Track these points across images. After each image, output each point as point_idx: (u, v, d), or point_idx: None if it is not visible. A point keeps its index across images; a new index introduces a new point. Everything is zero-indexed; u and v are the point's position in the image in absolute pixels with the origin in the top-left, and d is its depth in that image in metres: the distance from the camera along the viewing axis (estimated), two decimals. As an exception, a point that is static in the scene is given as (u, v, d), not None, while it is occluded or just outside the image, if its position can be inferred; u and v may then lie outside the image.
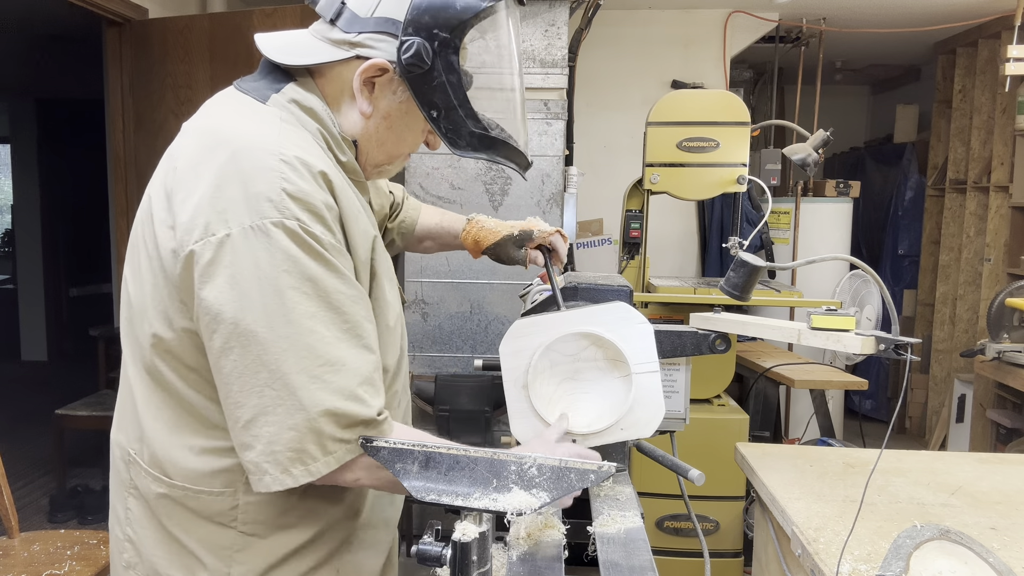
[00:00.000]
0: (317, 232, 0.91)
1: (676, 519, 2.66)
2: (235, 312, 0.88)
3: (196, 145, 0.96)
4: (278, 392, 0.89)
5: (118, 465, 1.08)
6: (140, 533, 1.04)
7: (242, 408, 0.90)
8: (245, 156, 0.91)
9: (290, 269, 0.89)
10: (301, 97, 1.01)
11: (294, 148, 0.94)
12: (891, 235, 5.35)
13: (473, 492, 0.90)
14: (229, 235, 0.88)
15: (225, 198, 0.89)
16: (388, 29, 0.98)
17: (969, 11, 4.06)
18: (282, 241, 0.89)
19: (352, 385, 0.92)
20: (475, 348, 3.02)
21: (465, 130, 1.03)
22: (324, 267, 0.91)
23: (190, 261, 0.90)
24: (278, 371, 0.89)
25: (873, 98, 6.58)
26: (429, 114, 1.01)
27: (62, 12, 3.51)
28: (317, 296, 0.90)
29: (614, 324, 1.23)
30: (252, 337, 0.88)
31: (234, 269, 0.88)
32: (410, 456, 0.93)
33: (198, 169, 0.93)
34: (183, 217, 0.91)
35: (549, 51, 2.97)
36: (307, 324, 0.89)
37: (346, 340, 0.92)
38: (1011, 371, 3.34)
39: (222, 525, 1.00)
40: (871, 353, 1.22)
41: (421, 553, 0.90)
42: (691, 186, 2.74)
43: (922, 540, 1.12)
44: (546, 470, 0.90)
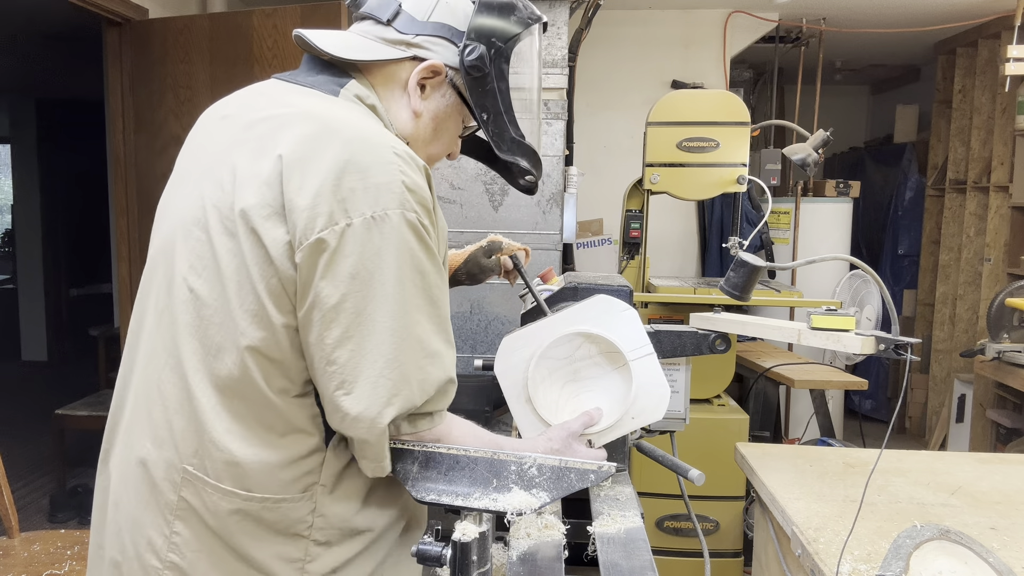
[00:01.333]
0: (427, 224, 0.94)
1: (676, 519, 2.66)
2: (358, 302, 0.90)
3: (299, 134, 0.94)
4: (395, 381, 0.91)
5: (159, 487, 0.98)
6: (191, 557, 0.97)
7: (353, 395, 0.91)
8: (359, 147, 0.92)
9: (409, 261, 0.91)
10: (363, 94, 1.03)
11: (397, 142, 0.96)
12: (891, 235, 5.35)
13: (473, 492, 0.90)
14: (351, 224, 0.89)
15: (345, 187, 0.90)
16: (445, 34, 1.04)
17: (969, 11, 4.06)
18: (404, 232, 0.91)
19: (442, 376, 0.96)
20: (475, 348, 3.02)
21: (508, 135, 1.09)
22: (430, 260, 0.94)
23: (317, 249, 0.89)
24: (396, 360, 0.91)
25: (873, 98, 6.58)
26: (480, 117, 1.07)
27: (62, 12, 3.51)
28: (424, 288, 0.93)
29: (599, 317, 1.24)
30: (373, 326, 0.90)
31: (357, 258, 0.89)
32: (409, 456, 0.93)
33: (310, 157, 0.91)
34: (302, 203, 0.90)
35: (549, 51, 2.97)
36: (416, 316, 0.93)
37: (440, 334, 0.96)
38: (1011, 371, 3.34)
39: (296, 536, 0.97)
40: (871, 353, 1.22)
41: (421, 553, 0.90)
42: (691, 186, 2.74)
43: (922, 540, 1.12)
44: (546, 470, 0.90)
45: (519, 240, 2.99)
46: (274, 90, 1.04)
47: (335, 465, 0.98)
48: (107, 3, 3.01)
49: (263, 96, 1.03)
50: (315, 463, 0.97)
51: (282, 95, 1.02)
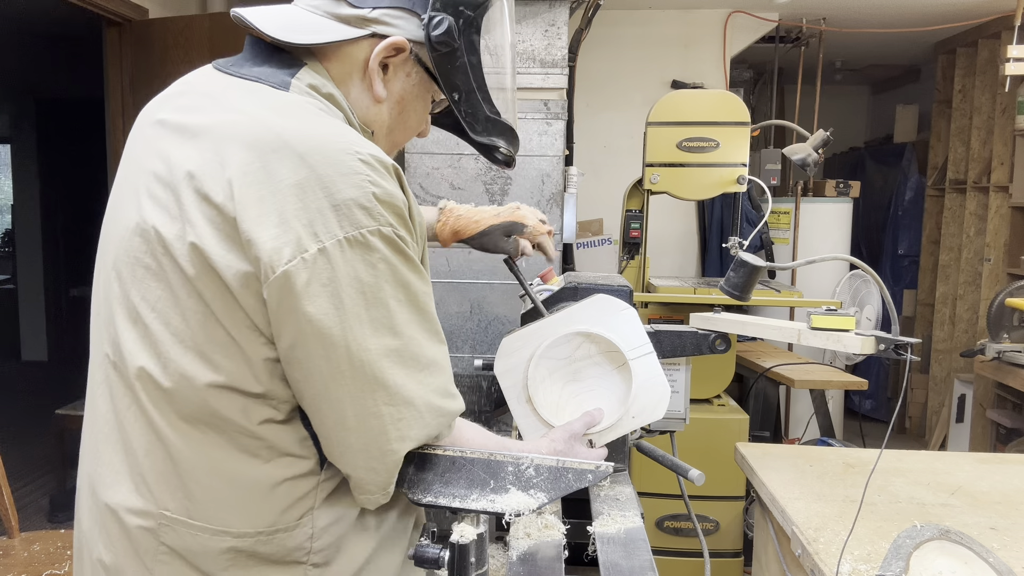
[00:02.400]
0: (404, 235, 0.86)
1: (676, 519, 2.66)
2: (344, 333, 0.82)
3: (247, 151, 0.82)
4: (397, 408, 0.87)
5: (133, 534, 0.91)
6: None
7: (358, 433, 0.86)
8: (318, 159, 0.81)
9: (390, 278, 0.84)
10: (318, 83, 0.91)
11: (360, 143, 0.85)
12: (891, 235, 5.35)
13: (470, 494, 0.90)
14: (323, 249, 0.80)
15: (311, 209, 0.80)
16: (406, 5, 0.91)
17: (969, 11, 4.06)
18: (381, 250, 0.83)
19: (446, 383, 0.93)
20: (475, 348, 3.02)
21: (482, 114, 0.99)
22: (412, 270, 0.88)
23: (286, 283, 0.80)
24: (394, 386, 0.86)
25: (873, 98, 6.58)
26: (452, 97, 0.96)
27: (62, 12, 3.51)
28: (409, 301, 0.87)
29: (598, 317, 1.23)
30: (365, 355, 0.84)
31: (334, 287, 0.81)
32: (406, 457, 0.93)
33: (264, 180, 0.81)
34: (264, 234, 0.80)
35: (549, 51, 2.97)
36: (408, 332, 0.87)
37: (432, 340, 0.91)
38: (1011, 371, 3.34)
39: (294, 563, 0.91)
40: (871, 353, 1.22)
41: (419, 555, 0.90)
42: (691, 186, 2.74)
43: (922, 540, 1.12)
44: (543, 470, 0.90)
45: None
46: (214, 85, 0.92)
47: (331, 485, 0.92)
48: (107, 3, 3.02)
49: (202, 96, 0.91)
50: (309, 486, 0.90)
51: (224, 93, 0.90)
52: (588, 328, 1.23)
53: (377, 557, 0.98)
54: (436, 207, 1.42)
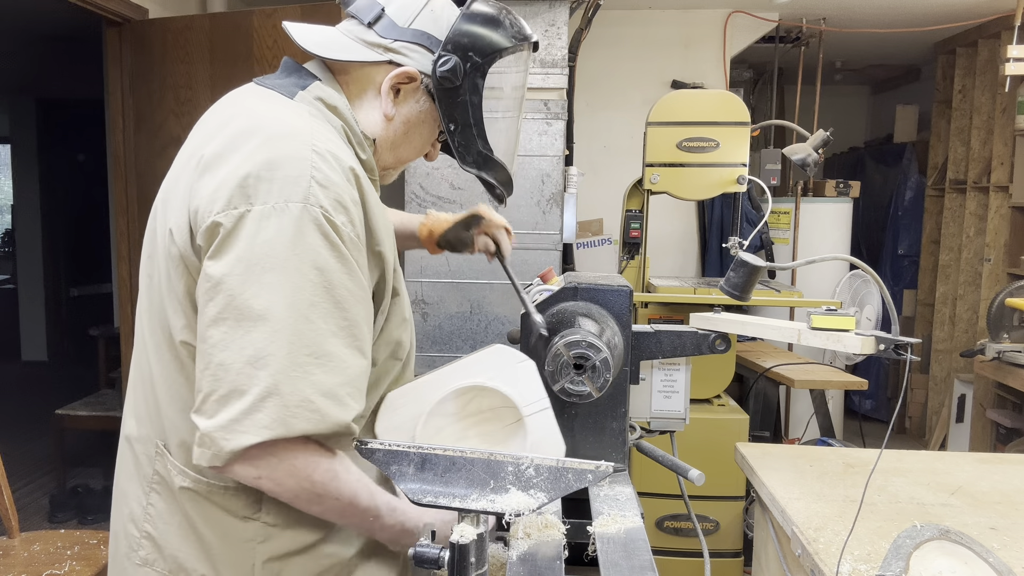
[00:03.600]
0: (338, 222, 0.91)
1: (676, 519, 2.66)
2: (237, 284, 0.88)
3: (227, 132, 0.96)
4: (259, 372, 0.87)
5: (140, 461, 1.05)
6: (163, 529, 1.02)
7: (220, 382, 0.88)
8: (278, 142, 0.92)
9: (301, 254, 0.89)
10: (326, 95, 1.04)
11: (326, 142, 0.95)
12: (891, 235, 5.35)
13: (470, 494, 0.90)
14: (250, 211, 0.89)
15: (252, 178, 0.90)
16: (423, 42, 1.05)
17: (969, 11, 4.06)
18: (300, 224, 0.89)
19: (334, 383, 0.90)
20: (475, 348, 3.01)
21: (474, 148, 1.11)
22: (337, 259, 0.91)
23: (212, 231, 0.90)
24: (265, 351, 0.87)
25: (873, 98, 6.58)
26: (448, 126, 1.08)
27: (62, 12, 3.51)
28: (323, 286, 0.90)
29: (495, 369, 1.16)
30: (247, 312, 0.87)
31: (247, 244, 0.88)
32: (405, 458, 0.93)
33: (228, 152, 0.93)
34: (205, 192, 0.91)
35: (549, 51, 2.97)
36: (305, 312, 0.88)
37: (340, 337, 0.91)
38: (1011, 371, 3.34)
39: (246, 519, 0.99)
40: (871, 353, 1.22)
41: (419, 555, 0.90)
42: (691, 186, 2.74)
43: (922, 540, 1.12)
44: (543, 470, 0.90)
45: (519, 240, 2.99)
46: (241, 95, 1.06)
47: None
48: (107, 3, 3.01)
49: (229, 104, 1.05)
50: None
51: (243, 100, 1.04)
52: (484, 381, 1.15)
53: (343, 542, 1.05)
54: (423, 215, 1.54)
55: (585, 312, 1.29)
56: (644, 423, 1.52)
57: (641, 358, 1.38)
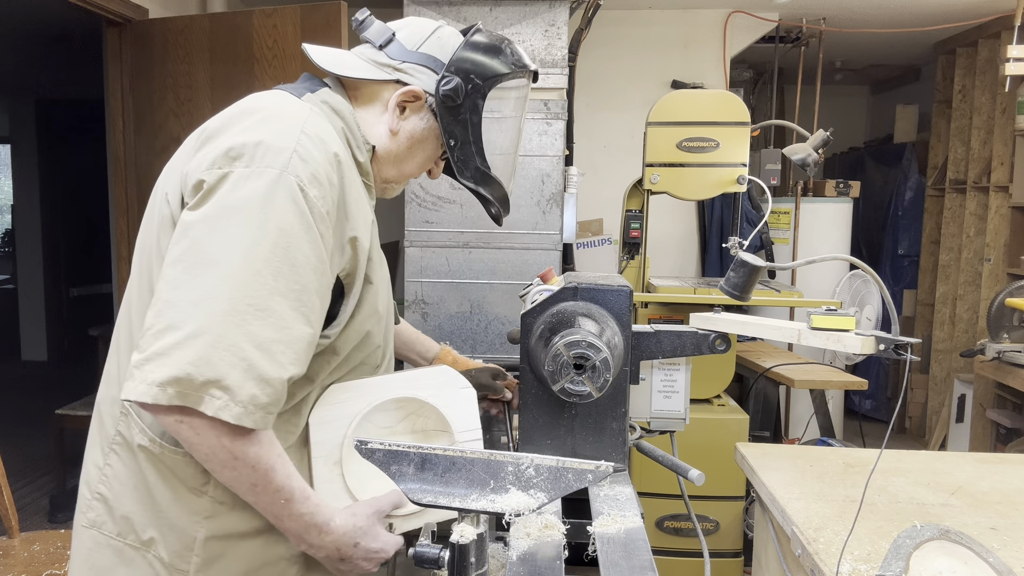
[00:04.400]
0: (311, 194, 0.96)
1: (676, 519, 2.66)
2: (203, 231, 0.92)
3: (229, 112, 1.04)
4: (198, 312, 0.89)
5: (104, 423, 1.09)
6: (118, 490, 1.05)
7: (161, 316, 0.91)
8: (272, 121, 1.00)
9: (268, 212, 0.93)
10: (333, 100, 1.11)
11: (317, 128, 1.03)
12: (891, 235, 5.35)
13: (470, 494, 0.90)
14: (232, 172, 0.95)
15: (242, 146, 0.96)
16: (430, 64, 1.15)
17: (969, 11, 4.06)
18: (273, 188, 0.94)
19: (269, 337, 0.91)
20: (475, 348, 3.02)
21: (472, 163, 1.19)
22: (302, 226, 0.95)
23: (197, 188, 0.96)
24: (209, 294, 0.90)
25: (873, 98, 6.58)
26: (448, 142, 1.16)
27: (62, 12, 3.52)
28: (282, 247, 0.93)
29: (437, 389, 1.18)
30: (205, 257, 0.91)
31: (221, 198, 0.94)
32: (405, 458, 0.93)
33: (226, 126, 1.01)
34: (198, 158, 0.98)
35: (549, 51, 2.97)
36: (257, 265, 0.92)
37: (288, 298, 0.94)
38: (1011, 371, 3.34)
39: (195, 490, 1.02)
40: (871, 353, 1.22)
41: (419, 555, 0.90)
42: (691, 186, 2.74)
43: (922, 540, 1.12)
44: (543, 470, 0.90)
45: (518, 240, 2.99)
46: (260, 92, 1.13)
47: None
48: (107, 3, 3.02)
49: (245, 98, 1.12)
50: None
51: (256, 93, 1.10)
52: (425, 397, 1.16)
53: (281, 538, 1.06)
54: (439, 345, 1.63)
55: (585, 312, 1.28)
56: (644, 423, 1.52)
57: (641, 358, 1.38)
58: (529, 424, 1.31)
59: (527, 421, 1.32)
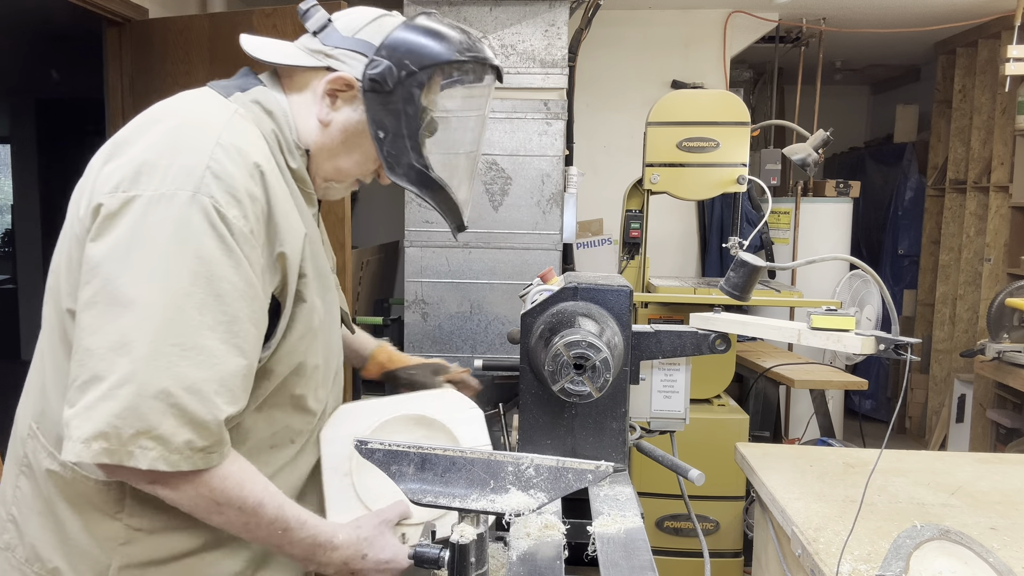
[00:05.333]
0: (229, 215, 0.89)
1: (676, 519, 2.66)
2: (113, 268, 0.86)
3: (139, 120, 0.97)
4: (120, 359, 0.83)
5: (15, 444, 1.04)
6: (25, 513, 1.00)
7: (83, 367, 0.85)
8: (183, 131, 0.92)
9: (184, 241, 0.86)
10: (264, 99, 1.04)
11: (235, 136, 0.94)
12: (891, 235, 5.35)
13: (470, 494, 0.90)
14: (140, 196, 0.87)
15: (150, 164, 0.89)
16: (362, 49, 1.04)
17: (969, 11, 4.06)
18: (187, 213, 0.87)
19: (200, 377, 0.85)
20: (475, 348, 3.02)
21: (405, 160, 1.07)
22: (223, 252, 0.88)
23: (97, 211, 0.89)
24: (128, 337, 0.84)
25: (873, 98, 6.58)
26: (376, 133, 1.05)
27: (62, 12, 3.51)
28: (204, 278, 0.87)
29: (444, 410, 1.19)
30: (119, 297, 0.85)
31: (129, 228, 0.86)
32: (405, 458, 0.93)
33: (134, 137, 0.94)
34: (104, 175, 0.91)
35: (549, 51, 2.97)
36: (179, 301, 0.85)
37: (217, 332, 0.87)
38: (1011, 371, 3.34)
39: (109, 516, 0.96)
40: (871, 353, 1.22)
41: (419, 555, 0.90)
42: (691, 186, 2.74)
43: (922, 540, 1.12)
44: (543, 470, 0.90)
45: (518, 240, 2.99)
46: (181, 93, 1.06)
47: None
48: (107, 3, 3.01)
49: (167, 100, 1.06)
50: None
51: (178, 95, 1.03)
52: (433, 415, 1.18)
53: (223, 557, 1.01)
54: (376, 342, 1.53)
55: (585, 312, 1.28)
56: (644, 423, 1.52)
57: (641, 358, 1.38)
58: (529, 424, 1.31)
59: (527, 421, 1.32)
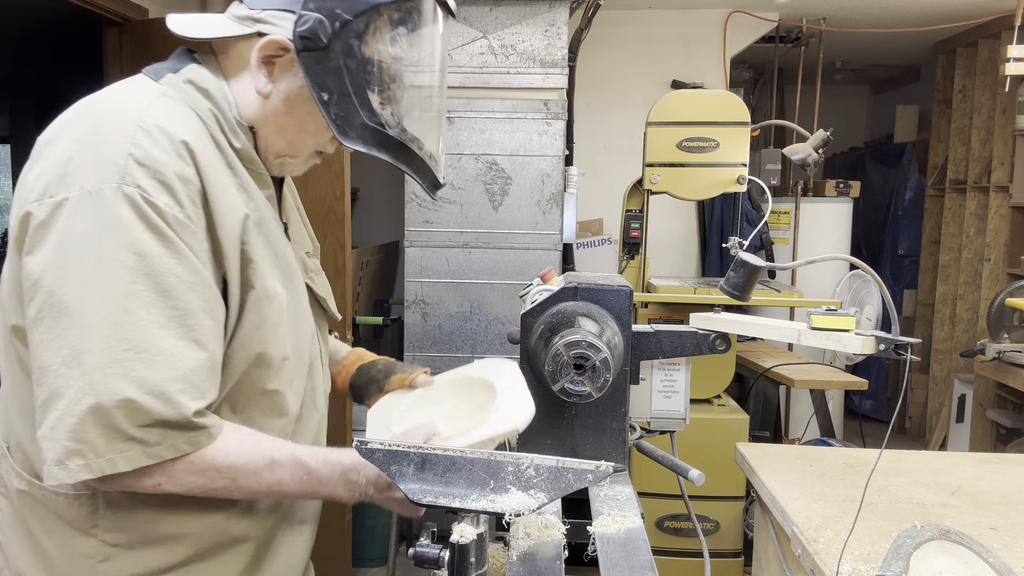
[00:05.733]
0: (160, 203, 0.84)
1: (676, 519, 2.66)
2: (53, 280, 0.82)
3: (63, 117, 0.91)
4: (73, 372, 0.80)
5: None
6: (8, 536, 0.97)
7: (41, 386, 0.83)
8: (107, 122, 0.87)
9: (117, 238, 0.82)
10: (198, 78, 0.96)
11: (159, 116, 0.88)
12: (891, 235, 5.35)
13: (470, 494, 0.90)
14: (67, 199, 0.83)
15: (74, 162, 0.84)
16: (290, 6, 0.93)
17: (969, 11, 4.06)
18: (115, 207, 0.82)
19: (160, 378, 0.82)
20: (475, 348, 3.02)
21: (357, 121, 0.95)
22: (160, 242, 0.83)
23: (26, 222, 0.84)
24: (79, 348, 0.81)
25: (873, 98, 6.58)
26: (319, 96, 0.94)
27: (62, 12, 3.51)
28: (144, 273, 0.82)
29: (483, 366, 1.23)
30: (63, 308, 0.82)
31: (63, 235, 0.82)
32: (405, 458, 0.93)
33: (58, 135, 0.89)
34: (29, 178, 0.87)
35: (549, 51, 2.97)
36: (123, 302, 0.81)
37: (169, 328, 0.84)
38: (1011, 371, 3.34)
39: (84, 532, 0.92)
40: (871, 353, 1.22)
41: (419, 555, 0.90)
42: (691, 186, 2.74)
43: (922, 540, 1.12)
44: (543, 470, 0.90)
45: (519, 240, 2.99)
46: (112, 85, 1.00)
47: None
48: (107, 3, 3.01)
49: None
50: None
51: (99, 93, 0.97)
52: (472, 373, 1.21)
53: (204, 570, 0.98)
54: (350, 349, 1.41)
55: (585, 312, 1.28)
56: (644, 423, 1.52)
57: (641, 358, 1.38)
58: (529, 424, 1.31)
59: (527, 421, 1.31)
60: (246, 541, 1.01)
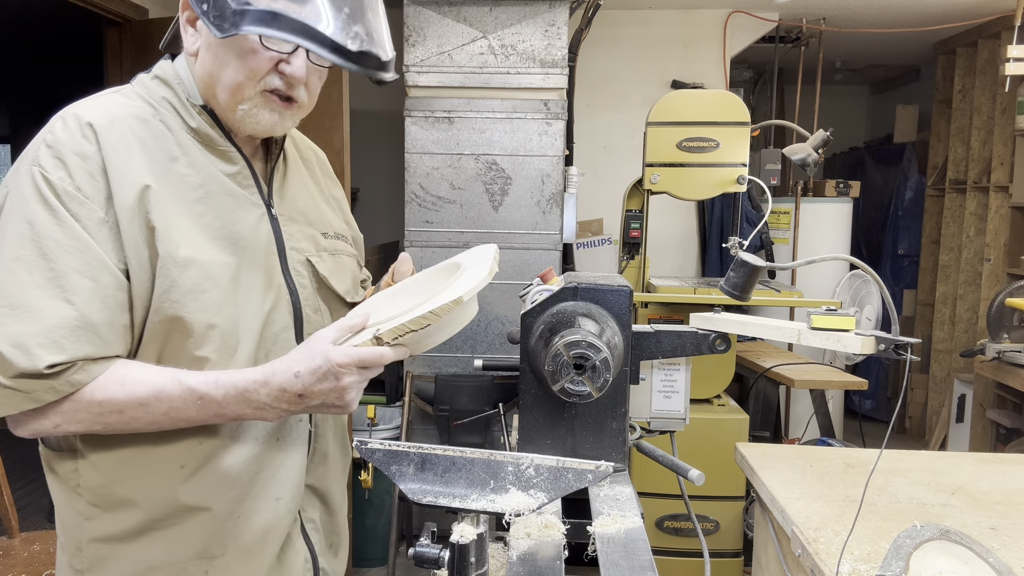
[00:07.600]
0: (54, 178, 0.94)
1: (676, 519, 2.66)
2: None
3: None
4: None
5: None
6: None
7: None
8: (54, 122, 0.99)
9: (18, 211, 0.94)
10: (161, 71, 1.08)
11: (81, 108, 0.99)
12: (891, 235, 5.35)
13: (470, 494, 0.90)
14: (9, 190, 0.97)
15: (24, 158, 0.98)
16: None
17: (969, 11, 4.06)
18: (23, 186, 0.95)
19: (25, 333, 0.90)
20: (475, 348, 3.02)
21: (228, 9, 0.94)
22: (47, 212, 0.93)
23: None
24: None
25: (873, 98, 6.58)
26: (200, 8, 0.98)
27: (62, 12, 3.51)
28: (31, 240, 0.93)
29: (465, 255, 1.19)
30: None
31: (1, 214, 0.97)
32: (405, 458, 0.93)
33: None
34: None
35: (549, 51, 2.97)
36: (10, 265, 0.92)
37: (45, 288, 0.92)
38: (1011, 371, 3.34)
39: (73, 491, 1.02)
40: (871, 353, 1.22)
41: (419, 555, 0.90)
42: (691, 186, 2.74)
43: (922, 540, 1.12)
44: (543, 470, 0.90)
45: (519, 240, 2.99)
46: None
47: None
48: (107, 3, 3.01)
49: None
50: None
51: None
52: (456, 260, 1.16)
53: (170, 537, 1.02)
54: None
55: (585, 312, 1.29)
56: (644, 423, 1.52)
57: (641, 358, 1.38)
58: (529, 424, 1.31)
59: (527, 421, 1.32)
60: (203, 511, 1.03)
